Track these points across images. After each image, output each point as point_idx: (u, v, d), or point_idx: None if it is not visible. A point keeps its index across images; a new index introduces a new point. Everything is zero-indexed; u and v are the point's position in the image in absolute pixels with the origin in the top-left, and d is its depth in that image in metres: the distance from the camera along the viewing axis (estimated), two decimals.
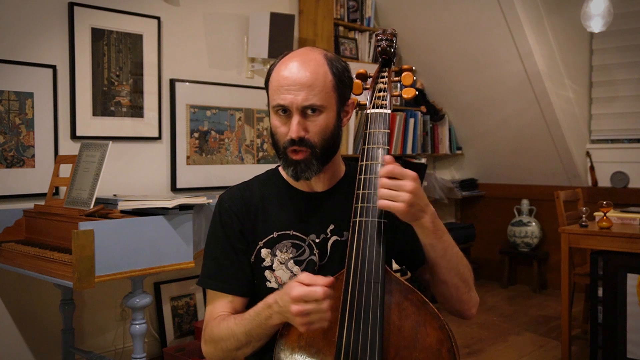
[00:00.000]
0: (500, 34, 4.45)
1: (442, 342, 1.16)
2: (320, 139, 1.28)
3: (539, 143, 4.84)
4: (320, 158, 1.30)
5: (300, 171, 1.29)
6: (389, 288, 1.20)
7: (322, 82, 1.27)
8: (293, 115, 1.26)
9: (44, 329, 3.08)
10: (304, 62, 1.27)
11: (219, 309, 1.34)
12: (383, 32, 1.40)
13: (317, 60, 1.29)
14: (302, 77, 1.25)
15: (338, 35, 4.41)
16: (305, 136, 1.26)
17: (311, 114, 1.27)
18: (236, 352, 1.28)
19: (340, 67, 1.31)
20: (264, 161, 4.02)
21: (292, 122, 1.26)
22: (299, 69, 1.26)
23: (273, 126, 1.31)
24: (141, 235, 2.41)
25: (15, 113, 2.97)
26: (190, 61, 3.69)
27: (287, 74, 1.26)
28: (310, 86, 1.25)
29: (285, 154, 1.29)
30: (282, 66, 1.28)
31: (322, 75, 1.27)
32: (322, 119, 1.28)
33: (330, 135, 1.30)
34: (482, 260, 5.45)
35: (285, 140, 1.28)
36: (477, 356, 3.52)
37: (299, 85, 1.25)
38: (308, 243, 1.34)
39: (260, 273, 1.35)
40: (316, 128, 1.28)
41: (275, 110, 1.29)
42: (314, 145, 1.28)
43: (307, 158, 1.28)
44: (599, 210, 3.20)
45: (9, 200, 2.94)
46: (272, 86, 1.30)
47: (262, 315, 1.22)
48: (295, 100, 1.25)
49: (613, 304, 3.04)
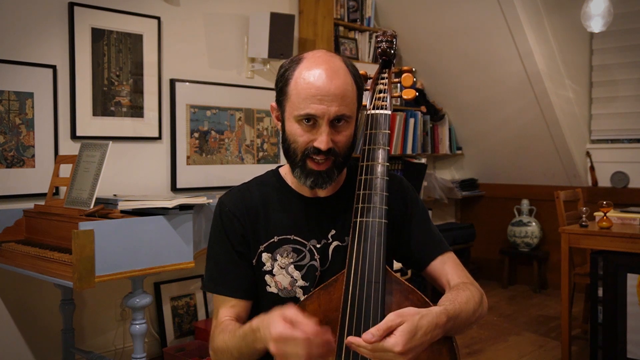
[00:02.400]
0: (500, 34, 4.45)
1: (442, 342, 1.16)
2: (345, 149, 1.27)
3: (539, 143, 4.84)
4: (341, 167, 1.29)
5: (322, 182, 1.27)
6: (390, 288, 1.20)
7: (351, 93, 1.25)
8: (321, 126, 1.22)
9: (44, 329, 3.08)
10: (333, 71, 1.23)
11: (223, 315, 1.33)
12: (383, 33, 1.41)
13: (343, 69, 1.26)
14: (335, 89, 1.22)
15: (338, 35, 4.41)
16: (332, 147, 1.24)
17: (338, 124, 1.24)
18: None
19: (357, 73, 1.30)
20: (264, 161, 4.02)
21: (320, 132, 1.22)
22: (331, 78, 1.22)
23: (292, 134, 1.25)
24: (141, 235, 2.41)
25: (15, 113, 2.97)
26: (190, 61, 3.69)
27: (320, 83, 1.21)
28: (343, 97, 1.23)
29: (304, 163, 1.26)
30: (309, 73, 1.23)
31: (351, 86, 1.26)
32: (349, 129, 1.27)
33: (352, 144, 1.29)
34: (482, 260, 5.45)
35: (308, 147, 1.24)
36: (477, 356, 3.52)
37: (332, 96, 1.21)
38: (309, 248, 1.33)
39: (261, 277, 1.34)
40: (344, 139, 1.26)
41: (299, 119, 1.24)
42: (339, 154, 1.26)
43: (330, 168, 1.26)
44: (599, 210, 3.20)
45: (9, 200, 2.94)
46: (298, 93, 1.23)
47: (249, 338, 1.19)
48: (328, 111, 1.21)
49: (613, 304, 3.04)
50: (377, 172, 1.27)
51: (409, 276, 4.33)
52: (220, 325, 1.31)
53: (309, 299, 1.23)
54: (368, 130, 1.31)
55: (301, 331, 1.03)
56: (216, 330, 1.31)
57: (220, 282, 1.34)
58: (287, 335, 1.03)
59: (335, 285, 1.22)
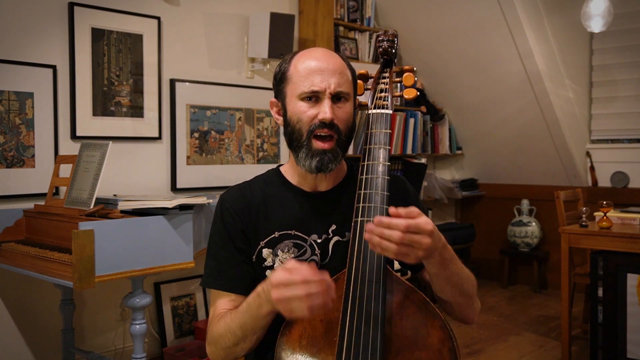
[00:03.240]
0: (500, 34, 4.45)
1: (443, 342, 1.16)
2: (345, 127, 1.31)
3: (539, 143, 4.84)
4: (344, 148, 1.32)
5: (328, 161, 1.29)
6: (390, 287, 1.20)
7: (347, 74, 1.32)
8: (324, 100, 1.28)
9: (44, 329, 3.07)
10: (329, 53, 1.33)
11: (221, 308, 1.33)
12: (384, 33, 1.41)
13: (337, 55, 1.34)
14: (333, 64, 1.29)
15: (338, 35, 4.41)
16: (334, 120, 1.28)
17: (338, 101, 1.30)
18: (235, 349, 1.27)
19: (351, 66, 1.36)
20: (264, 161, 4.02)
21: (323, 105, 1.27)
22: (328, 57, 1.31)
23: (297, 112, 1.30)
24: (141, 235, 2.41)
25: (15, 113, 2.97)
26: (190, 61, 3.69)
27: (318, 61, 1.29)
28: (341, 73, 1.30)
29: (310, 141, 1.29)
30: (307, 57, 1.31)
31: (346, 69, 1.33)
32: (348, 107, 1.32)
33: (352, 126, 1.33)
34: (482, 260, 5.45)
35: (313, 123, 1.28)
36: (477, 356, 3.52)
37: (332, 71, 1.28)
38: (310, 243, 1.34)
39: (261, 273, 1.34)
40: (344, 115, 1.30)
41: (302, 97, 1.29)
42: (341, 132, 1.30)
43: (334, 147, 1.29)
44: (599, 210, 3.20)
45: (9, 200, 2.94)
46: (299, 73, 1.30)
47: (253, 305, 1.22)
48: (329, 84, 1.27)
49: (613, 304, 3.04)
50: (378, 171, 1.27)
51: (409, 276, 4.33)
52: (218, 316, 1.31)
53: None
54: (369, 130, 1.31)
55: (299, 274, 1.07)
56: (213, 321, 1.31)
57: (220, 277, 1.34)
58: (286, 280, 1.08)
59: (336, 284, 1.22)
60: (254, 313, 1.21)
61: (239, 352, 1.29)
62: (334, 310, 1.20)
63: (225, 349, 1.28)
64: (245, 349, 1.28)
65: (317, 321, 1.22)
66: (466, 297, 1.27)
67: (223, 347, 1.28)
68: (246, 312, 1.23)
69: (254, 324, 1.23)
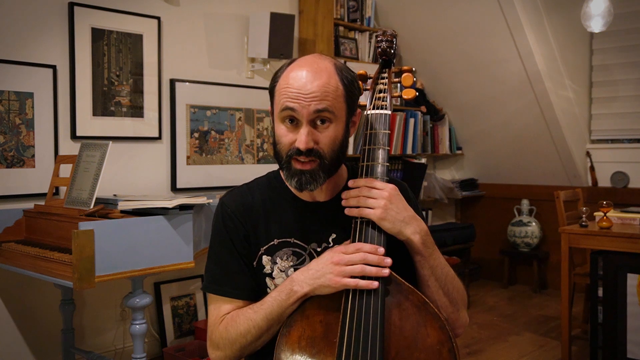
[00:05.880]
0: (500, 34, 4.45)
1: (442, 343, 1.16)
2: (330, 151, 1.24)
3: (539, 143, 4.84)
4: (328, 170, 1.26)
5: (306, 182, 1.25)
6: (390, 288, 1.20)
7: (333, 93, 1.23)
8: (302, 125, 1.22)
9: (44, 329, 3.08)
10: (315, 71, 1.23)
11: (224, 314, 1.31)
12: (383, 33, 1.40)
13: (328, 69, 1.24)
14: (315, 87, 1.21)
15: (338, 35, 4.41)
16: (314, 147, 1.22)
17: (320, 124, 1.23)
18: (256, 343, 1.26)
19: (350, 77, 1.28)
20: (264, 161, 4.02)
21: (300, 132, 1.21)
22: (311, 78, 1.22)
23: (278, 135, 1.26)
24: (141, 235, 2.41)
25: (15, 113, 2.97)
26: (190, 61, 3.69)
27: (298, 82, 1.22)
28: (323, 96, 1.21)
29: (289, 163, 1.25)
30: (292, 74, 1.24)
31: (334, 86, 1.23)
32: (331, 130, 1.24)
33: (339, 147, 1.27)
34: (482, 260, 5.45)
35: (291, 149, 1.23)
36: (477, 356, 3.52)
37: (311, 95, 1.20)
38: (309, 252, 1.33)
39: (261, 279, 1.33)
40: (326, 139, 1.23)
41: (282, 118, 1.24)
42: (323, 156, 1.23)
43: (315, 169, 1.24)
44: (599, 210, 3.20)
45: (9, 200, 2.94)
46: (279, 93, 1.24)
47: (283, 292, 1.22)
48: (306, 109, 1.20)
49: (613, 304, 3.04)
50: (377, 172, 1.26)
51: None
52: (228, 316, 1.30)
53: (309, 300, 1.23)
54: (368, 130, 1.31)
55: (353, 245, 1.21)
56: (219, 326, 1.29)
57: (224, 283, 1.32)
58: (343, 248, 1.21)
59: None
60: (283, 302, 1.22)
61: (259, 345, 1.27)
62: (334, 311, 1.20)
63: (244, 347, 1.26)
64: (264, 341, 1.27)
65: (317, 322, 1.22)
66: (451, 302, 1.26)
67: (243, 345, 1.26)
68: (274, 300, 1.23)
69: (281, 313, 1.23)
